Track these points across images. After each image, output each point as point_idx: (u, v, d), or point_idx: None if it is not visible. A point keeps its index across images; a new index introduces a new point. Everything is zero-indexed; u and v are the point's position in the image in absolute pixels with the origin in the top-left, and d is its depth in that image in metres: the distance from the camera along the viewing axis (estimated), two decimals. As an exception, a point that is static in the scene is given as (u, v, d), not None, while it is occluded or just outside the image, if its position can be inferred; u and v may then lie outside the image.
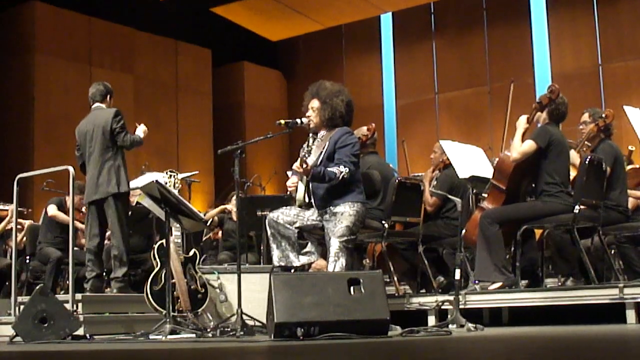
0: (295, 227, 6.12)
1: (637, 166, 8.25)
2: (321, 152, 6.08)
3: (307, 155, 5.99)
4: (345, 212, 5.97)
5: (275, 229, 6.12)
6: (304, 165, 5.87)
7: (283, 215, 6.14)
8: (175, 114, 16.64)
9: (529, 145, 6.43)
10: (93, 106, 7.59)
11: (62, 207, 8.98)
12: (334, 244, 5.93)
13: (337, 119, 6.16)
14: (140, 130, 7.58)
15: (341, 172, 5.90)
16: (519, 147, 6.45)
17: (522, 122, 6.56)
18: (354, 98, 6.38)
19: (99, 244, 7.38)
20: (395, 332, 5.42)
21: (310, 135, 6.25)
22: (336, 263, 5.88)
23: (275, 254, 6.12)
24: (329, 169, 5.91)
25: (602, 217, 6.57)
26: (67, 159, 8.08)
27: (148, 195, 6.05)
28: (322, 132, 6.21)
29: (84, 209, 8.14)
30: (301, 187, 6.14)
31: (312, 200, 6.10)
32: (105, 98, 7.61)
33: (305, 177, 6.06)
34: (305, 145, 6.17)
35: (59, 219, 8.87)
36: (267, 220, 6.19)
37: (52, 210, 8.93)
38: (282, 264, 6.12)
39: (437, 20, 17.25)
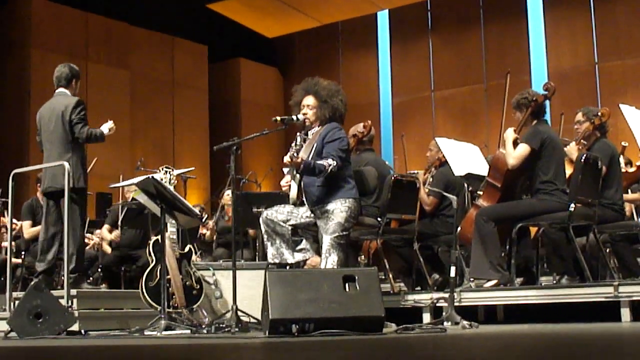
0: (289, 225, 6.13)
1: (625, 169, 8.26)
2: (311, 148, 6.10)
3: (295, 154, 5.99)
4: (337, 209, 5.99)
5: (270, 226, 6.14)
6: (295, 159, 5.87)
7: (277, 213, 6.16)
8: (172, 110, 16.63)
9: (524, 148, 6.44)
10: (57, 91, 7.26)
11: (35, 212, 8.88)
12: (326, 241, 5.95)
13: (337, 119, 6.21)
14: (106, 127, 7.23)
15: (329, 165, 5.92)
16: (514, 153, 6.46)
17: (509, 134, 6.57)
18: (350, 95, 6.41)
19: (54, 236, 7.10)
20: (390, 329, 5.42)
21: (298, 134, 6.24)
22: (327, 260, 5.90)
23: (270, 251, 6.15)
24: (317, 161, 5.94)
25: (597, 215, 6.58)
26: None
27: (144, 191, 6.05)
28: (315, 129, 6.22)
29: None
30: (294, 186, 6.16)
31: (304, 198, 6.12)
32: (70, 83, 7.25)
33: (297, 176, 6.08)
34: (293, 144, 6.15)
35: (35, 236, 8.75)
36: (261, 218, 6.20)
37: (27, 233, 8.79)
38: (277, 261, 6.14)
39: (433, 17, 17.26)
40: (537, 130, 6.52)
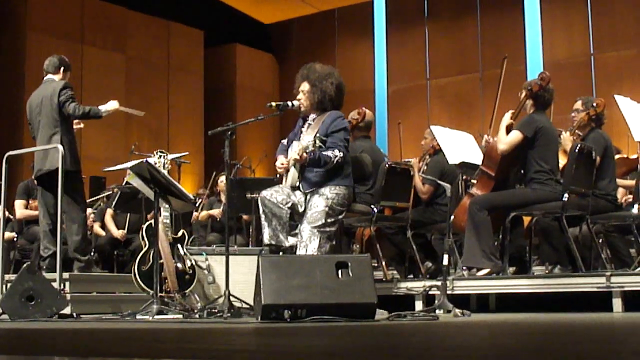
0: (288, 207, 6.07)
1: (624, 155, 8.27)
2: (314, 135, 6.04)
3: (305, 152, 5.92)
4: (324, 195, 5.94)
5: (268, 207, 6.05)
6: (302, 156, 5.82)
7: (277, 193, 6.08)
8: (167, 95, 16.59)
9: (515, 135, 6.46)
10: (45, 78, 7.33)
11: (30, 192, 8.90)
12: (305, 229, 5.90)
13: (327, 102, 6.13)
14: (109, 105, 7.29)
15: (336, 157, 5.88)
16: (505, 139, 6.48)
17: (506, 118, 6.60)
18: (346, 82, 6.34)
19: (53, 220, 7.10)
20: (382, 316, 5.42)
21: (300, 125, 6.21)
22: (308, 247, 5.84)
23: (266, 233, 6.05)
24: (323, 152, 5.89)
25: (590, 205, 6.59)
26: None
27: (138, 175, 6.04)
28: (313, 116, 6.18)
29: None
30: (293, 170, 6.08)
31: (301, 183, 6.06)
32: (58, 70, 7.33)
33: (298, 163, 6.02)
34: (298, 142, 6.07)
35: (29, 217, 8.80)
36: (259, 198, 6.12)
37: (19, 212, 8.83)
38: (273, 242, 6.05)
39: (430, 6, 17.22)
40: (533, 118, 6.53)
